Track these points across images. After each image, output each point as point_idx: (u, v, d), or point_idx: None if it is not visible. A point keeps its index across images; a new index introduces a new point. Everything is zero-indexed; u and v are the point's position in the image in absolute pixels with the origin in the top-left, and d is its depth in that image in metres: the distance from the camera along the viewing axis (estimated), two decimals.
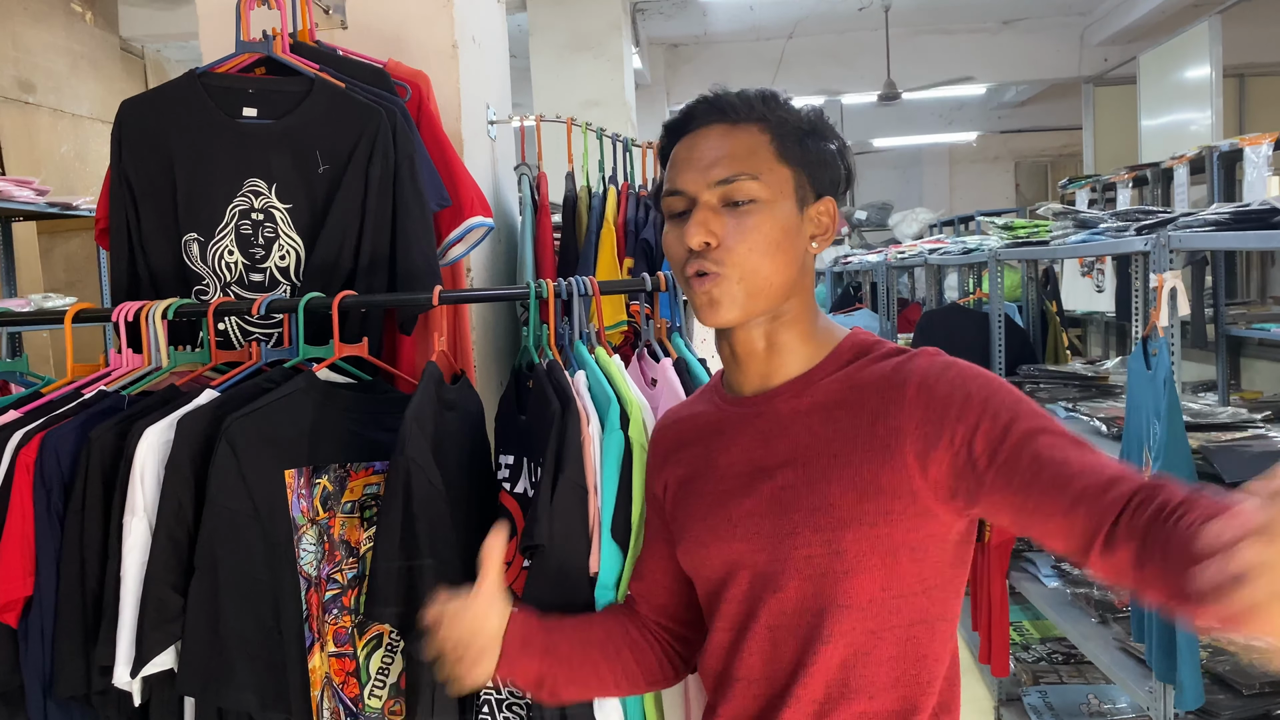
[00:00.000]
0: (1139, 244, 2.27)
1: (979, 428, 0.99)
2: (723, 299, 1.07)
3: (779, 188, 1.08)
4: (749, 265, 1.06)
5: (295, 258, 1.61)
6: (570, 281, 1.48)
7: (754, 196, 1.07)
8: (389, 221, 1.59)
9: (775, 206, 1.07)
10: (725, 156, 1.08)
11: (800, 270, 1.10)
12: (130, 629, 1.29)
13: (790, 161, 1.09)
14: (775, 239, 1.07)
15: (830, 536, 1.04)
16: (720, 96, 1.12)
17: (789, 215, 1.08)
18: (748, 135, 1.09)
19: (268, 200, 1.60)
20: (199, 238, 1.60)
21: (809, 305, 1.14)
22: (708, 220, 1.06)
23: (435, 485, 1.32)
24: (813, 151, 1.10)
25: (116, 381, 1.48)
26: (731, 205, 1.07)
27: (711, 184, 1.07)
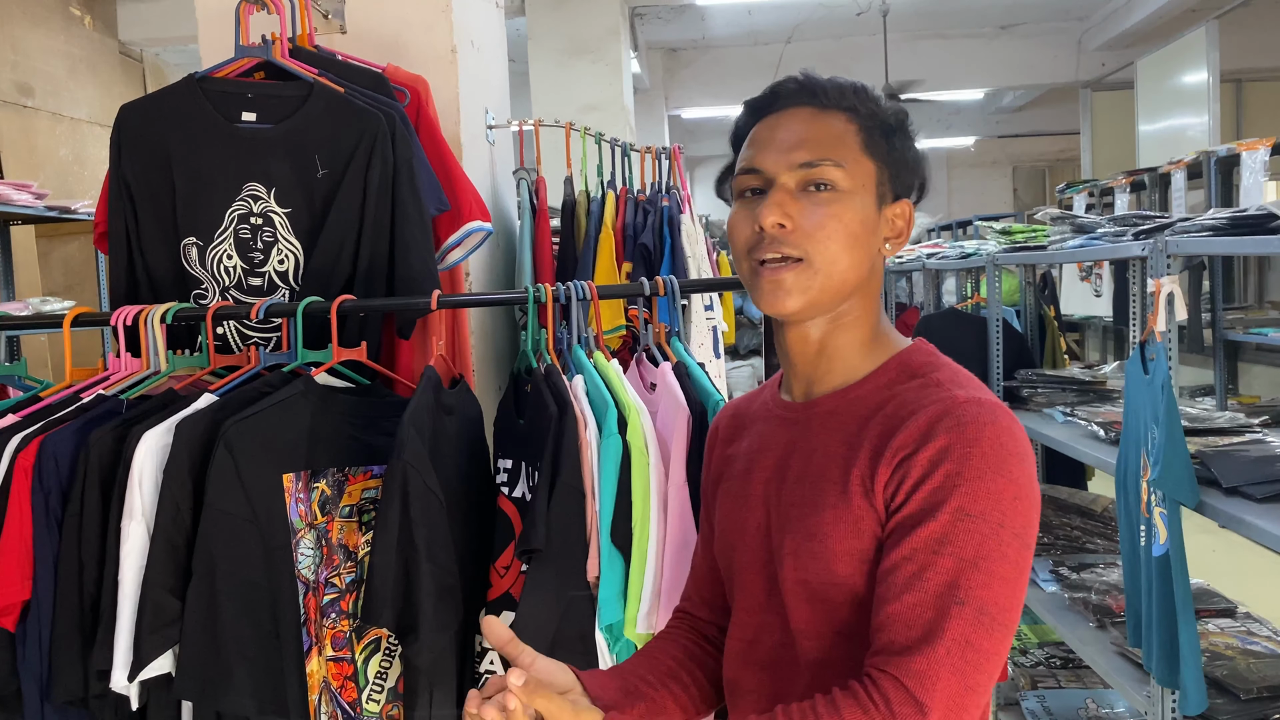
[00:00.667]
0: (1136, 249, 2.27)
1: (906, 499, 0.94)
2: (793, 286, 1.01)
3: (861, 180, 1.02)
4: (825, 254, 1.00)
5: (294, 262, 1.61)
6: (569, 286, 1.48)
7: (836, 184, 1.01)
8: (388, 226, 1.59)
9: (855, 198, 1.02)
10: (810, 139, 1.02)
11: (870, 271, 1.05)
12: (128, 633, 1.29)
13: (875, 156, 1.04)
14: (852, 231, 1.01)
15: (825, 566, 0.99)
16: (810, 79, 1.07)
17: (867, 210, 1.03)
18: (835, 122, 1.04)
19: (266, 205, 1.60)
20: (198, 242, 1.60)
21: (871, 311, 1.07)
22: (784, 202, 1.01)
23: (433, 489, 1.32)
24: (897, 150, 1.06)
25: (115, 385, 1.48)
26: (810, 191, 1.01)
27: (793, 166, 1.02)
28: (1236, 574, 3.78)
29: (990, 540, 0.91)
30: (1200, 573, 2.48)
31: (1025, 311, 4.30)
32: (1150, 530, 2.05)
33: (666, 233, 2.09)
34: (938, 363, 1.04)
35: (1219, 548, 4.13)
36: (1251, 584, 3.70)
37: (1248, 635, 2.43)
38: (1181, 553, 1.99)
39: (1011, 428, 0.95)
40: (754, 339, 11.39)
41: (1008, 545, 0.92)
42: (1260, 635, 2.43)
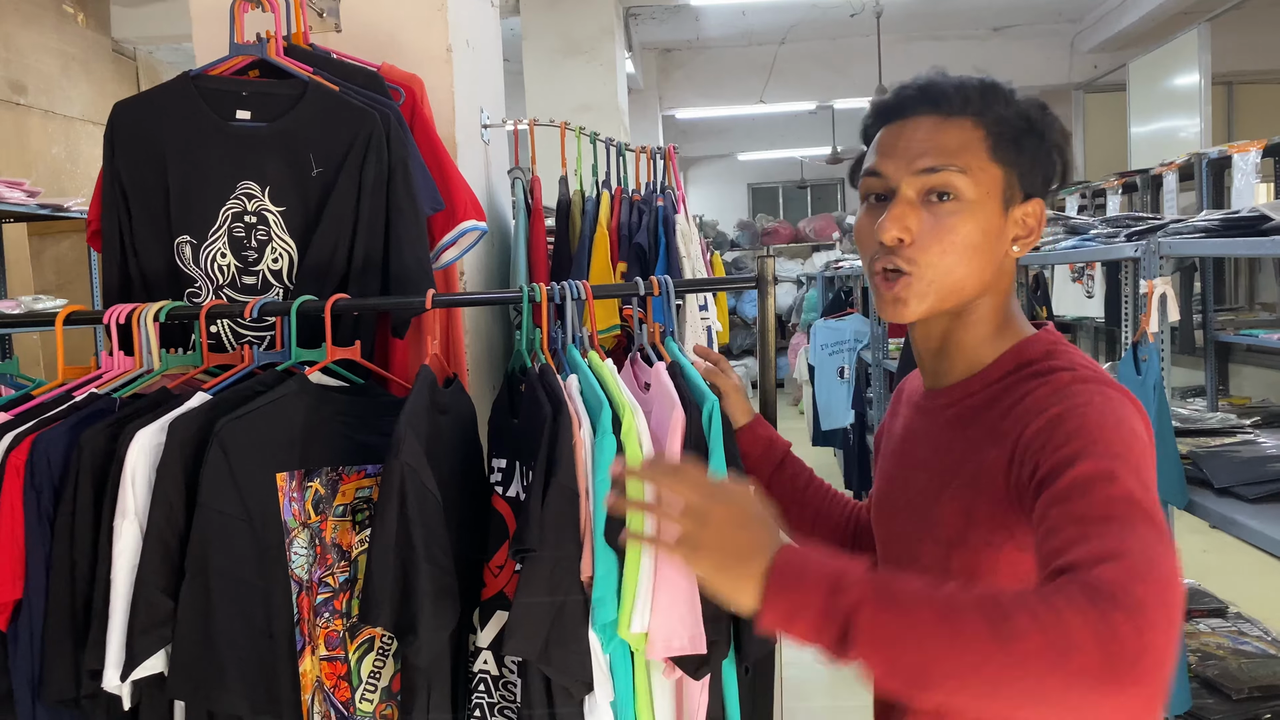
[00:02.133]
0: (1129, 250, 2.28)
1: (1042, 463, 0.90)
2: (910, 299, 1.03)
3: (986, 187, 1.02)
4: (942, 267, 1.02)
5: (288, 260, 1.61)
6: (563, 285, 1.48)
7: (958, 192, 1.01)
8: (382, 225, 1.59)
9: (978, 207, 1.02)
10: (933, 148, 1.02)
11: (996, 273, 1.06)
12: (120, 632, 1.28)
13: (1002, 161, 1.03)
14: (974, 241, 1.02)
15: (942, 553, 1.03)
16: (935, 85, 1.06)
17: (992, 217, 1.03)
18: (960, 130, 1.03)
19: (261, 203, 1.59)
20: (191, 240, 1.59)
21: (999, 308, 1.08)
22: (904, 215, 1.02)
23: (430, 489, 1.31)
24: (1028, 151, 1.04)
25: (108, 384, 1.47)
26: (932, 200, 1.02)
27: (915, 172, 1.02)
28: (1228, 574, 3.79)
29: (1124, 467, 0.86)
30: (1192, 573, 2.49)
31: None
32: None
33: (661, 233, 2.10)
34: (1056, 350, 1.04)
35: (1210, 548, 4.14)
36: (1243, 584, 3.72)
37: (1239, 635, 2.44)
38: None
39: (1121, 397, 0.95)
40: (748, 339, 11.41)
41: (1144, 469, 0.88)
42: (1251, 635, 2.44)
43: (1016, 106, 1.05)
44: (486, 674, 1.47)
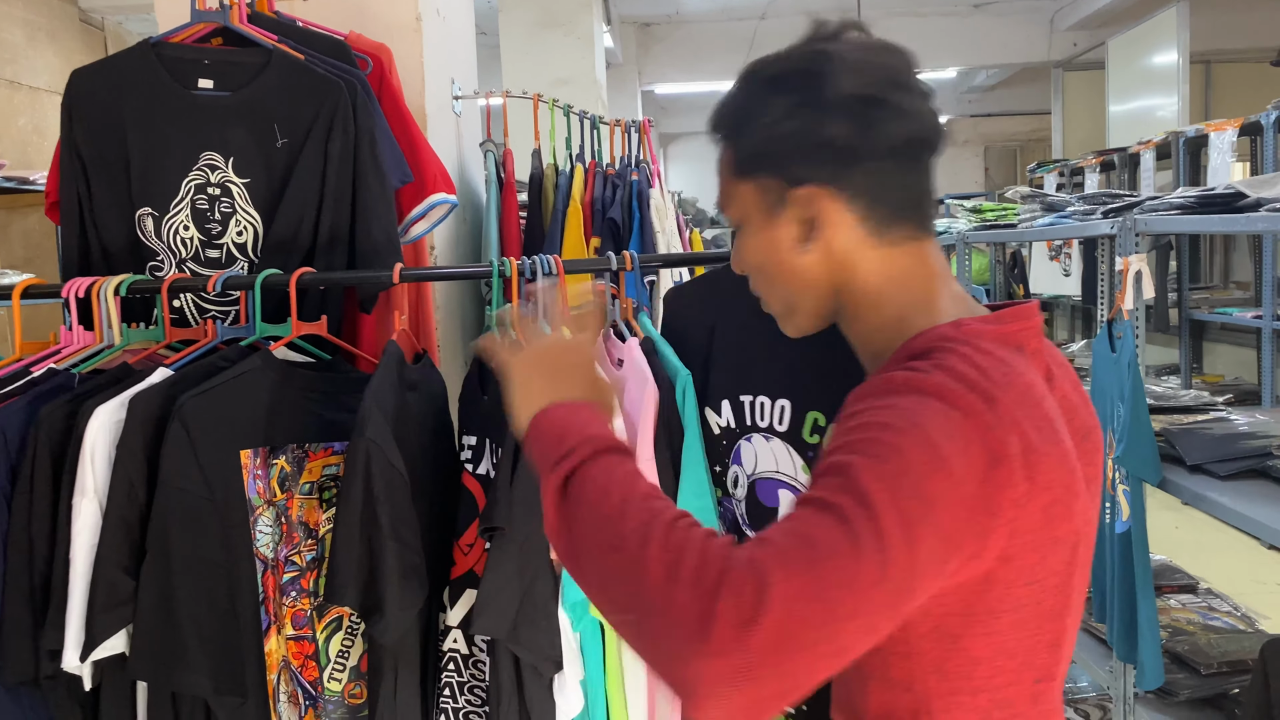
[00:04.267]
0: (1105, 227, 2.27)
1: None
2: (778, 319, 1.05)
3: (744, 209, 0.99)
4: (760, 291, 1.04)
5: (253, 234, 1.57)
6: (534, 260, 1.46)
7: (736, 224, 1.02)
8: (349, 197, 1.56)
9: (747, 231, 1.00)
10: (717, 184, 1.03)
11: (812, 277, 0.97)
12: (80, 612, 1.26)
13: (746, 173, 0.97)
14: (757, 263, 1.01)
15: None
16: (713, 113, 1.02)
17: (761, 233, 0.98)
18: (722, 158, 1.01)
19: (224, 174, 1.56)
20: (153, 212, 1.56)
21: (867, 302, 0.97)
22: (734, 251, 1.05)
23: (396, 467, 1.29)
24: (771, 148, 0.94)
25: (66, 359, 1.44)
26: None
27: None
28: (1199, 550, 3.83)
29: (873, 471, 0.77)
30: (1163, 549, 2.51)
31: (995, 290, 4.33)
32: (1114, 507, 2.06)
33: (635, 208, 2.07)
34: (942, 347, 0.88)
35: (1182, 524, 4.18)
36: (1213, 560, 3.76)
37: (1209, 611, 2.46)
38: (1143, 530, 2.01)
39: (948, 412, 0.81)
40: None
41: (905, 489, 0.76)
42: (1221, 611, 2.46)
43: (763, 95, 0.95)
44: (456, 652, 1.46)
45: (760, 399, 1.30)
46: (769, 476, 1.31)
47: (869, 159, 0.92)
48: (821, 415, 1.26)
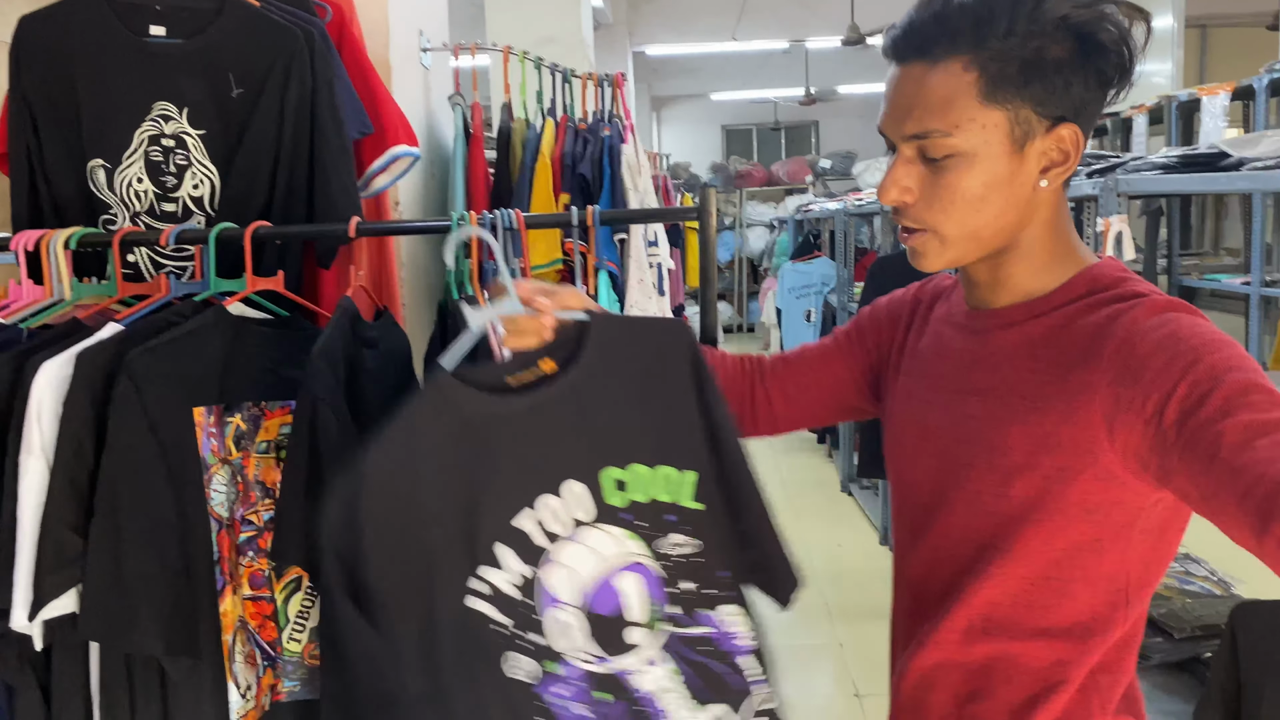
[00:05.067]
0: (1088, 188, 2.24)
1: (1173, 395, 0.85)
2: (926, 253, 1.01)
3: (986, 135, 0.94)
4: (950, 224, 0.98)
5: (210, 187, 1.53)
6: (495, 214, 1.42)
7: (952, 151, 0.95)
8: (306, 150, 1.52)
9: (980, 158, 0.95)
10: (918, 107, 0.95)
11: (1024, 211, 0.99)
12: (27, 571, 1.23)
13: (1003, 101, 0.93)
14: (978, 194, 0.96)
15: (1001, 479, 0.99)
16: (916, 27, 0.96)
17: (999, 162, 0.95)
18: (947, 77, 0.94)
19: (179, 126, 1.51)
20: (105, 164, 1.51)
21: (1047, 239, 1.01)
22: (901, 177, 0.98)
23: (345, 423, 1.26)
24: (1043, 77, 0.93)
25: (15, 314, 1.40)
26: (929, 160, 0.97)
27: (904, 137, 0.97)
28: None
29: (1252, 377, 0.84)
30: None
31: None
32: None
33: (606, 164, 2.02)
34: (1130, 276, 0.99)
35: None
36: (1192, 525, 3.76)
37: (1186, 575, 2.45)
38: None
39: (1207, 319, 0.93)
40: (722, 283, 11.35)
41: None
42: (1198, 575, 2.46)
43: (1024, 26, 0.92)
44: None
45: (542, 501, 1.08)
46: (599, 577, 1.11)
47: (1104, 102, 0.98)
48: (615, 468, 1.10)
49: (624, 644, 1.11)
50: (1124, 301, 0.95)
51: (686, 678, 1.13)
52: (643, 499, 1.12)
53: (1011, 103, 0.94)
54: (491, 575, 1.06)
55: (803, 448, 6.50)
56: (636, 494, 1.11)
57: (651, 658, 1.12)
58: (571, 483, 1.09)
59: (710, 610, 1.14)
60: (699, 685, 1.14)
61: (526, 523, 1.07)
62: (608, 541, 1.11)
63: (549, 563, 1.08)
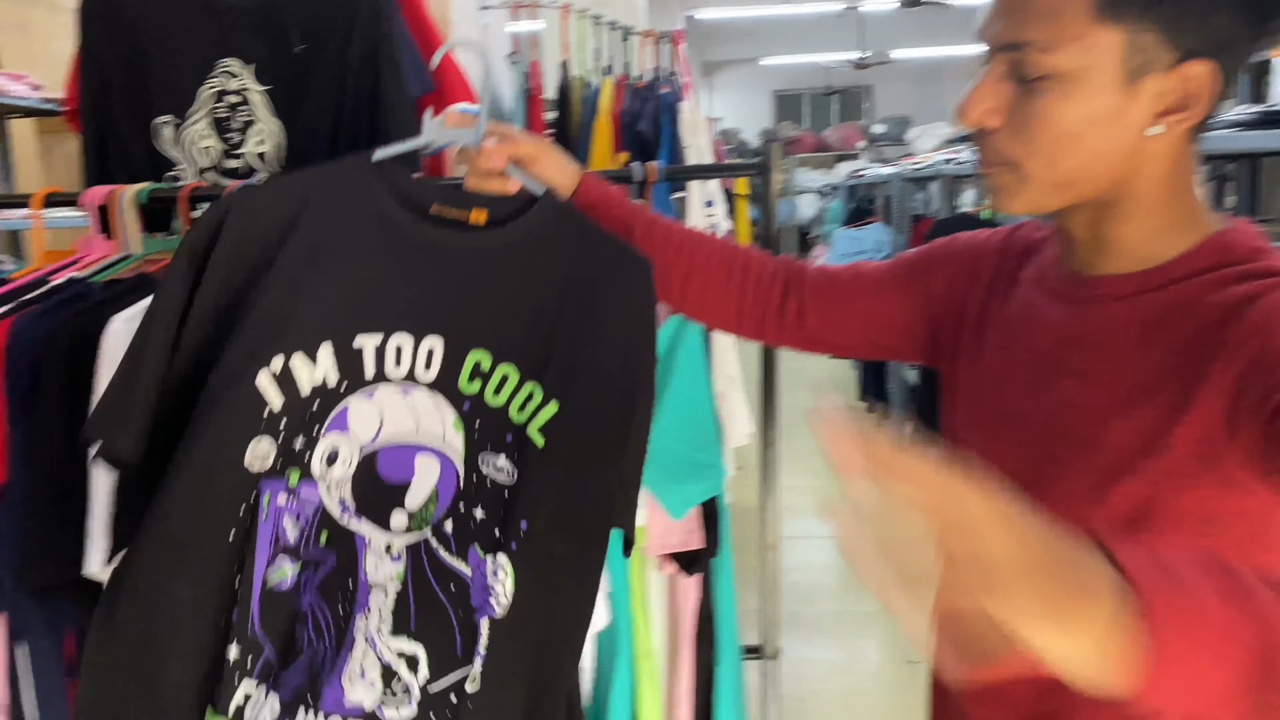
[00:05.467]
0: None
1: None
2: (1003, 190, 0.86)
3: (1093, 58, 0.79)
4: (1035, 161, 0.83)
5: (274, 144, 1.54)
6: None
7: (1049, 71, 0.80)
8: (368, 106, 1.52)
9: (1081, 85, 0.80)
10: (1020, 10, 0.81)
11: (1125, 160, 0.83)
12: (103, 519, 1.26)
13: (1122, 18, 0.78)
14: (1071, 129, 0.81)
15: (1098, 482, 0.83)
16: None
17: (1103, 95, 0.80)
18: None
19: (243, 82, 1.53)
20: (173, 120, 1.53)
21: (1159, 197, 0.85)
22: (986, 95, 0.83)
23: None
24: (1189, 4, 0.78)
25: (86, 268, 1.43)
26: (1021, 79, 0.82)
27: (998, 45, 0.83)
28: None
29: None
30: None
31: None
32: None
33: (665, 122, 2.01)
34: (1266, 248, 0.83)
35: None
36: None
37: None
38: None
39: None
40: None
41: None
42: None
43: None
44: None
45: (396, 338, 1.02)
46: (401, 443, 1.04)
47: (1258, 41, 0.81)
48: (486, 355, 1.04)
49: (381, 516, 1.03)
50: (1261, 279, 0.80)
51: (406, 595, 1.03)
52: (493, 402, 1.03)
53: (1133, 23, 0.78)
54: (299, 364, 1.01)
55: None
56: (490, 393, 1.03)
57: (395, 549, 1.03)
58: (435, 340, 1.02)
59: (485, 553, 1.02)
60: (410, 611, 1.03)
61: (368, 347, 1.01)
62: (433, 416, 1.03)
63: (363, 396, 1.02)
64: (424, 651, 1.02)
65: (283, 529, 1.03)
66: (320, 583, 1.03)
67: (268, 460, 1.02)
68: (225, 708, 1.01)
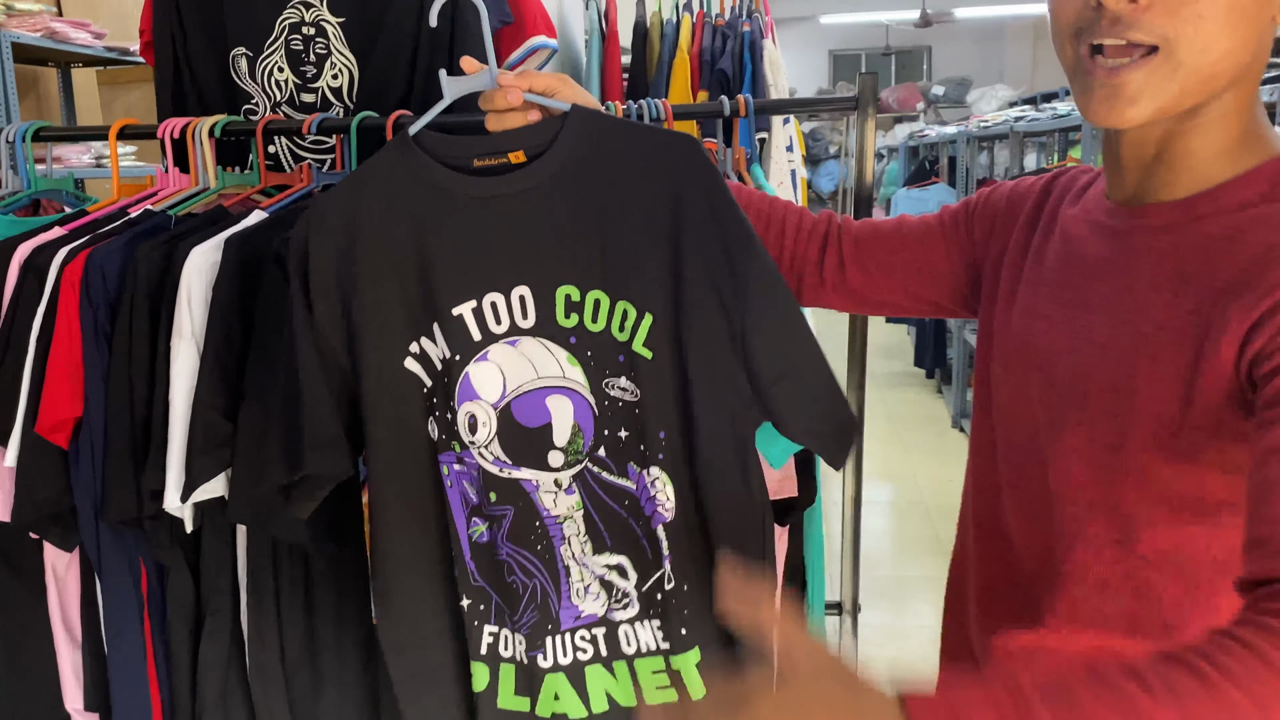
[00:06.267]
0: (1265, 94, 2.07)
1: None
2: (1143, 90, 0.75)
3: None
4: (1194, 39, 0.73)
5: (348, 77, 1.51)
6: (641, 104, 1.36)
7: None
8: (446, 38, 1.48)
9: None
10: None
11: (1256, 50, 0.77)
12: (179, 454, 1.25)
13: None
14: (1241, 4, 0.73)
15: (1118, 428, 0.79)
16: None
17: None
18: None
19: (319, 13, 1.49)
20: (248, 52, 1.50)
21: (1244, 107, 0.79)
22: None
23: None
24: None
25: (163, 202, 1.41)
26: None
27: None
28: None
29: None
30: None
31: None
32: None
33: (748, 59, 1.93)
34: None
35: None
36: None
37: None
38: None
39: None
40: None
41: None
42: None
43: None
44: None
45: (489, 298, 1.06)
46: (528, 390, 1.08)
47: None
48: (574, 288, 1.05)
49: (539, 460, 1.09)
50: None
51: (592, 518, 1.10)
52: (594, 329, 1.05)
53: None
54: (427, 344, 1.08)
55: (909, 383, 6.35)
56: (589, 321, 1.05)
57: (564, 483, 1.09)
58: (523, 289, 1.05)
59: (641, 467, 1.07)
60: (603, 530, 1.10)
61: (467, 313, 1.06)
62: (547, 358, 1.06)
63: (479, 359, 1.07)
64: (628, 560, 1.11)
65: (465, 491, 1.12)
66: (507, 533, 1.11)
67: (435, 434, 1.11)
68: (477, 650, 1.14)
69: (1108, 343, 0.81)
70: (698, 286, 1.02)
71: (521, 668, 1.14)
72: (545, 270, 1.05)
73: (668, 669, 1.12)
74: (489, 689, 1.15)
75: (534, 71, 1.09)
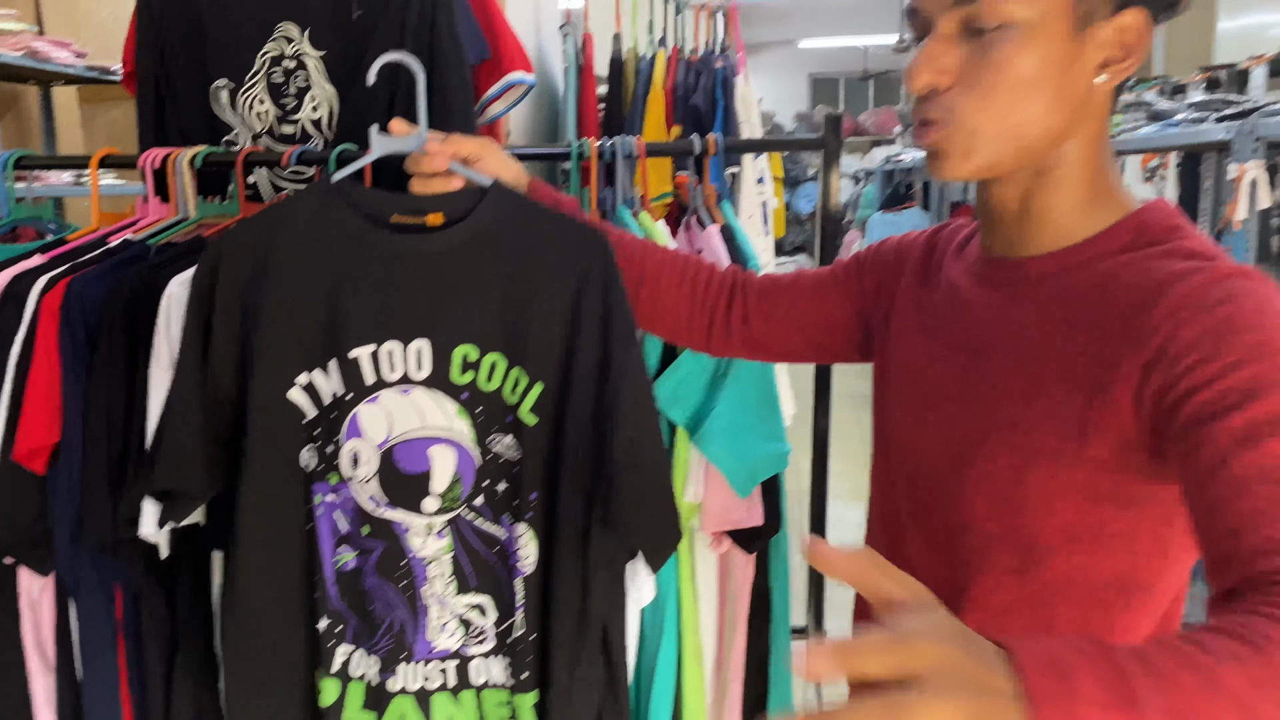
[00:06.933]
0: (1220, 133, 2.13)
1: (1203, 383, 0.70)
2: (950, 154, 0.84)
3: (1046, 5, 0.79)
4: (988, 114, 0.82)
5: (328, 110, 1.53)
6: (614, 142, 1.40)
7: (1006, 19, 0.79)
8: (425, 73, 1.50)
9: (1036, 30, 0.80)
10: None
11: (1076, 113, 0.83)
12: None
13: None
14: (1030, 77, 0.80)
15: (1018, 462, 0.83)
16: None
17: (1056, 43, 0.80)
18: None
19: (299, 46, 1.51)
20: (229, 84, 1.53)
21: (1088, 161, 0.86)
22: (938, 55, 0.82)
23: None
24: None
25: (143, 231, 1.43)
26: (976, 33, 0.81)
27: (948, 3, 0.82)
28: None
29: None
30: None
31: None
32: None
33: (719, 95, 1.98)
34: (1183, 227, 0.83)
35: None
36: None
37: None
38: None
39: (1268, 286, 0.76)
40: (800, 236, 11.19)
41: None
42: None
43: None
44: None
45: (387, 346, 1.11)
46: (412, 437, 1.14)
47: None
48: (473, 348, 1.11)
49: (413, 503, 1.15)
50: (1179, 261, 0.79)
51: (460, 561, 1.17)
52: (487, 388, 1.12)
53: None
54: (319, 378, 1.13)
55: None
56: (484, 381, 1.12)
57: (436, 527, 1.16)
58: (422, 342, 1.11)
59: (514, 520, 1.15)
60: (469, 572, 1.17)
61: (364, 356, 1.11)
62: (435, 410, 1.12)
63: (369, 401, 1.12)
64: (490, 600, 1.18)
65: (334, 522, 1.17)
66: (375, 566, 1.16)
67: (311, 464, 1.15)
68: (329, 667, 1.18)
69: (1004, 384, 0.86)
70: (584, 366, 1.10)
71: (371, 687, 1.19)
72: (447, 328, 1.11)
73: (510, 703, 1.20)
74: (336, 704, 1.19)
75: (460, 137, 1.14)
